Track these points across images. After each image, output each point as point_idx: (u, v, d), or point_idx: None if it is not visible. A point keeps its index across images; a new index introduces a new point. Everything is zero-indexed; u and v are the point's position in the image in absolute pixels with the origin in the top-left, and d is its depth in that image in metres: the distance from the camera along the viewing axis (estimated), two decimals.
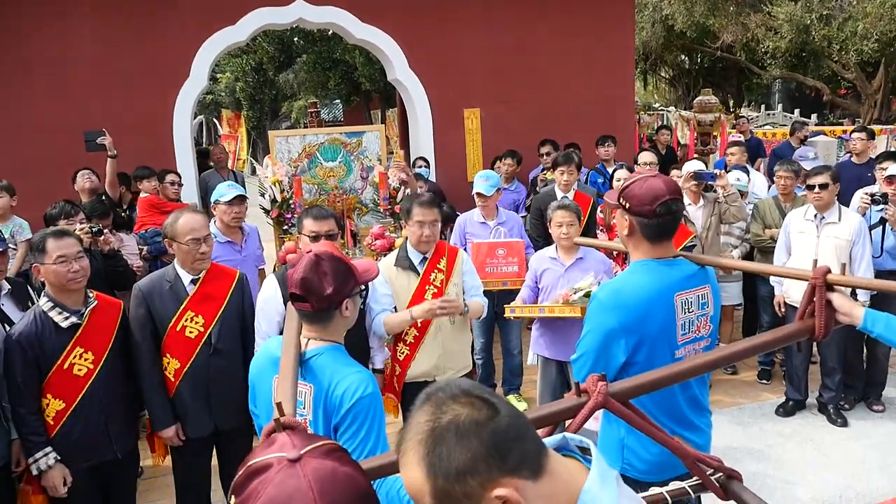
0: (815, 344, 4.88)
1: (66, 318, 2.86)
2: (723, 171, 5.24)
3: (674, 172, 5.89)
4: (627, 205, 2.25)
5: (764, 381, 5.54)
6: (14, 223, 4.89)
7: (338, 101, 27.25)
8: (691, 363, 1.87)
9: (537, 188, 6.66)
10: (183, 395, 3.10)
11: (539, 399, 4.44)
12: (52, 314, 2.85)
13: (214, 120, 29.33)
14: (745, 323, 6.14)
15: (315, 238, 3.15)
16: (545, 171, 6.79)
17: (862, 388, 5.08)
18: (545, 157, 6.93)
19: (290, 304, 2.05)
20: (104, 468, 3.01)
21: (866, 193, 4.83)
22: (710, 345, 2.39)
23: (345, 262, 2.02)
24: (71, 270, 2.85)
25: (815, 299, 1.96)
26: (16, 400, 2.79)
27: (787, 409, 4.98)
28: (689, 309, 2.26)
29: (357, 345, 2.85)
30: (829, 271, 1.93)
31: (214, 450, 3.36)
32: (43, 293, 2.94)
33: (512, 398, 5.24)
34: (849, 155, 7.11)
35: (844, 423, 4.79)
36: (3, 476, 2.88)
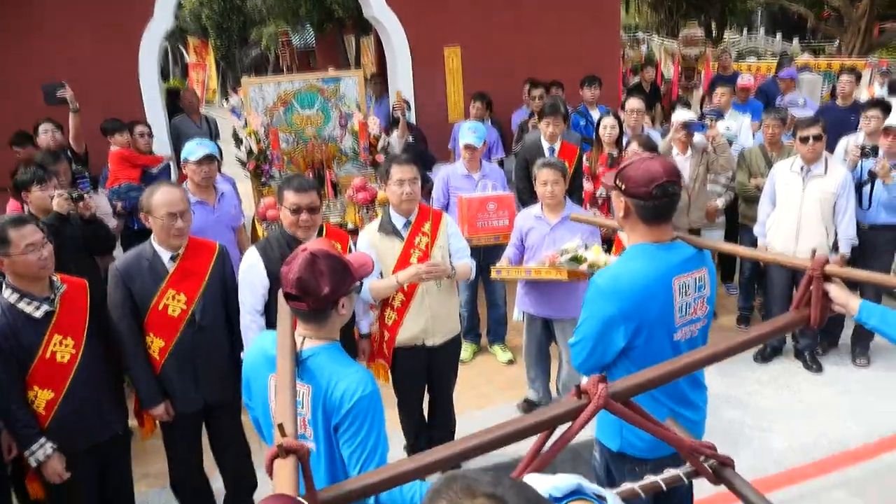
0: (793, 289, 4.95)
1: (38, 308, 2.75)
2: (713, 120, 5.15)
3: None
4: (623, 186, 2.21)
5: (743, 326, 5.65)
6: None
7: (309, 26, 26.24)
8: (690, 359, 1.86)
9: (525, 133, 6.51)
10: (169, 372, 3.06)
11: (524, 354, 4.49)
12: (22, 305, 2.73)
13: (180, 47, 28.22)
14: (723, 270, 6.20)
15: (296, 211, 3.05)
16: (534, 118, 6.61)
17: (837, 334, 5.19)
18: (537, 100, 6.70)
19: (281, 301, 1.99)
20: (100, 446, 2.99)
21: (856, 146, 4.80)
22: (706, 325, 2.40)
23: (341, 259, 1.96)
24: (41, 258, 2.73)
25: (811, 289, 1.94)
26: (1, 396, 2.71)
27: (765, 356, 5.10)
28: (686, 292, 2.25)
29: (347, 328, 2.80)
30: (826, 262, 1.91)
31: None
32: (5, 285, 2.79)
33: (497, 348, 5.30)
34: (833, 97, 7.05)
35: (819, 369, 4.93)
36: None
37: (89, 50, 6.32)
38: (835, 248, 4.67)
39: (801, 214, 4.63)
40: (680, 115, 5.31)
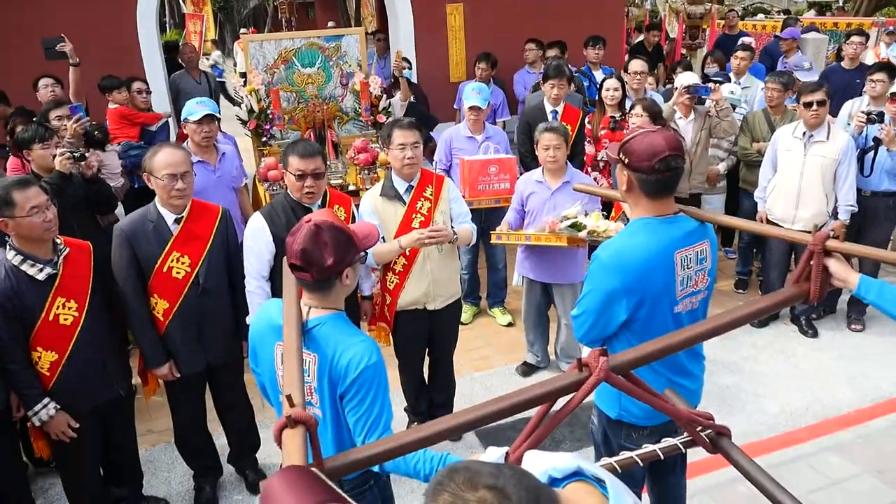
0: (791, 255, 4.98)
1: (41, 270, 2.77)
2: (717, 84, 5.09)
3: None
4: (626, 160, 2.21)
5: (740, 291, 5.70)
6: None
7: None
8: (690, 332, 1.88)
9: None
10: (173, 333, 3.09)
11: (524, 317, 4.53)
12: (25, 267, 2.75)
13: None
14: (722, 234, 6.21)
15: (301, 177, 3.04)
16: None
17: (835, 301, 5.24)
18: (532, 65, 6.63)
19: (287, 271, 2.00)
20: (103, 406, 3.04)
21: (862, 112, 4.75)
22: (707, 297, 2.42)
23: (345, 231, 1.97)
24: (45, 220, 2.74)
25: (812, 264, 1.96)
26: (3, 358, 2.74)
27: (762, 321, 5.14)
28: (688, 265, 2.27)
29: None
30: (828, 237, 1.92)
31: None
32: (9, 246, 2.80)
33: (497, 311, 5.35)
34: (839, 58, 6.95)
35: (815, 334, 4.99)
36: (4, 421, 2.89)
37: (87, 4, 6.20)
38: (834, 214, 4.68)
39: (802, 181, 4.62)
40: (684, 77, 5.25)
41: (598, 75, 6.40)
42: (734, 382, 4.46)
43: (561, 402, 1.66)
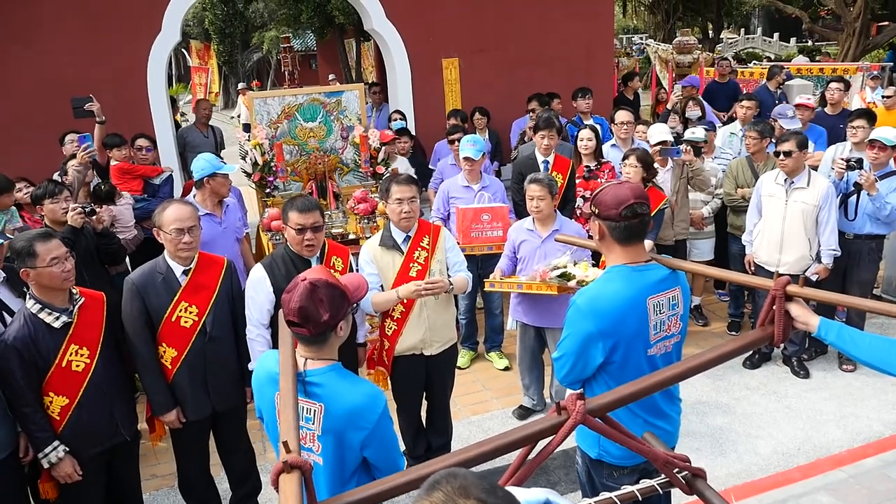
0: None
1: (57, 319, 2.93)
2: (687, 146, 5.32)
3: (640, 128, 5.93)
4: (597, 210, 2.40)
5: (733, 333, 5.81)
6: (6, 213, 4.83)
7: (310, 31, 26.46)
8: (663, 375, 2.02)
9: (525, 139, 6.70)
10: (181, 381, 3.23)
11: (518, 360, 4.65)
12: (42, 315, 2.91)
13: (183, 50, 28.42)
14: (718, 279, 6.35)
15: (301, 230, 3.21)
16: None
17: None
18: (533, 113, 6.91)
19: (283, 324, 2.15)
20: (110, 450, 3.16)
21: (842, 158, 4.94)
22: (680, 341, 2.56)
23: (338, 287, 2.12)
24: (64, 270, 2.92)
25: (774, 308, 2.10)
26: (18, 401, 2.89)
27: (754, 362, 5.26)
28: (660, 311, 2.42)
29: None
30: (789, 283, 2.07)
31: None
32: (28, 296, 2.98)
33: (494, 355, 5.47)
34: (822, 105, 7.20)
35: (807, 375, 5.09)
36: (13, 464, 3.00)
37: (100, 64, 6.50)
38: (818, 258, 4.82)
39: (785, 226, 4.79)
40: (655, 132, 5.46)
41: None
42: (726, 423, 4.54)
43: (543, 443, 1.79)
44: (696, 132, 5.61)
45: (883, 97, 7.74)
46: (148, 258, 3.43)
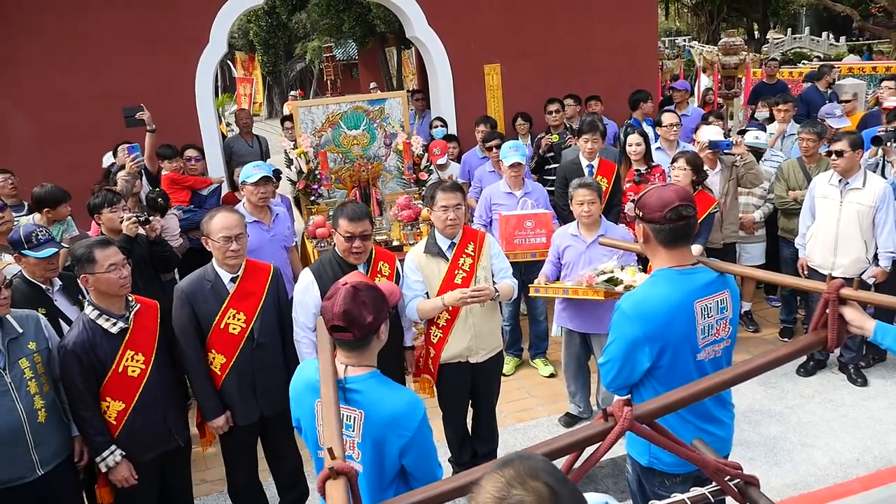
0: None
1: (115, 324, 3.03)
2: (738, 137, 5.20)
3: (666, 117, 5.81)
4: (641, 213, 2.37)
5: (785, 340, 5.65)
6: (63, 223, 5.00)
7: (352, 41, 26.84)
8: (713, 380, 1.97)
9: (540, 151, 6.66)
10: (230, 387, 3.29)
11: (564, 367, 4.60)
12: (101, 321, 3.01)
13: (228, 62, 29.10)
14: (766, 283, 6.19)
15: (350, 238, 3.24)
16: (550, 135, 6.76)
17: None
18: (553, 114, 6.84)
19: (322, 331, 2.17)
20: (163, 455, 3.23)
21: None
22: (730, 345, 2.50)
23: (378, 289, 2.14)
24: (121, 277, 3.02)
25: (828, 311, 2.03)
26: (78, 405, 2.98)
27: (808, 369, 5.10)
28: (708, 314, 2.37)
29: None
30: (842, 286, 2.00)
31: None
32: (87, 302, 3.09)
33: (539, 361, 5.42)
34: (878, 103, 6.97)
35: (864, 383, 4.91)
36: (68, 468, 3.10)
37: (149, 76, 6.68)
38: (875, 261, 4.66)
39: (840, 227, 4.64)
40: (705, 133, 5.36)
41: (646, 128, 6.56)
42: (780, 432, 4.41)
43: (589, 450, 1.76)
44: (760, 137, 5.49)
45: None
46: (193, 268, 3.51)
